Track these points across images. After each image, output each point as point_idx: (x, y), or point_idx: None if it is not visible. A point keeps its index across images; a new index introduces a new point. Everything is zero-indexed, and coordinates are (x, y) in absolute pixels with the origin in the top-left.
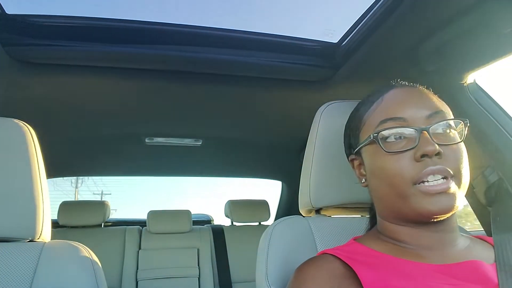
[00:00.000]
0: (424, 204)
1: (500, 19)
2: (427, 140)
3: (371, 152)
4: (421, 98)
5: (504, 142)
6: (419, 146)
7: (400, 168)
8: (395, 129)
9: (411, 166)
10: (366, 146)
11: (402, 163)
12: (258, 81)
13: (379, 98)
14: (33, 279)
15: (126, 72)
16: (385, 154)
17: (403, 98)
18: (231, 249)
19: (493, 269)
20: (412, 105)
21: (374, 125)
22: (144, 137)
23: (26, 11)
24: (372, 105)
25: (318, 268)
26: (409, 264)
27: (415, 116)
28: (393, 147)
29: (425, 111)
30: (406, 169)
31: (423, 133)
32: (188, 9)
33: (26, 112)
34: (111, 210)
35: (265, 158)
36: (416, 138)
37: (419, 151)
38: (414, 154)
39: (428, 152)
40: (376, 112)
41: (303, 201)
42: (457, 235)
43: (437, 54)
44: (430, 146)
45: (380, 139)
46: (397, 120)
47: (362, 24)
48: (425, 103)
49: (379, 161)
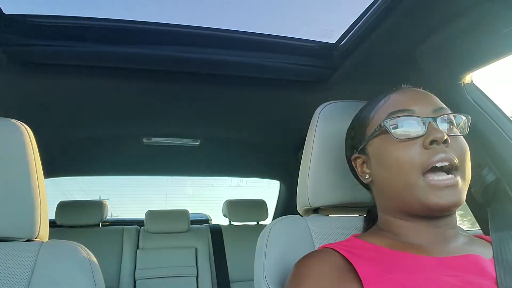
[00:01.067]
0: (432, 198)
1: (497, 20)
2: (435, 128)
3: (379, 144)
4: (426, 95)
5: (501, 142)
6: (428, 133)
7: (409, 155)
8: (405, 117)
9: (420, 153)
10: (374, 138)
11: (412, 150)
12: (256, 81)
13: (386, 96)
14: (30, 278)
15: (124, 72)
16: (395, 142)
17: (410, 95)
18: (229, 249)
19: (491, 263)
20: (419, 101)
21: (382, 118)
22: (142, 137)
23: (23, 11)
24: (379, 103)
25: (318, 261)
26: (409, 257)
27: (423, 109)
28: (402, 135)
29: (431, 106)
30: (416, 156)
31: (431, 123)
32: (186, 10)
33: (23, 112)
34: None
35: (263, 158)
36: (424, 127)
37: (428, 137)
38: (423, 141)
39: (437, 138)
40: (384, 107)
41: (301, 200)
42: (457, 231)
43: (434, 54)
44: (439, 133)
45: (390, 127)
46: (405, 111)
47: (360, 25)
48: (431, 100)
49: (389, 149)
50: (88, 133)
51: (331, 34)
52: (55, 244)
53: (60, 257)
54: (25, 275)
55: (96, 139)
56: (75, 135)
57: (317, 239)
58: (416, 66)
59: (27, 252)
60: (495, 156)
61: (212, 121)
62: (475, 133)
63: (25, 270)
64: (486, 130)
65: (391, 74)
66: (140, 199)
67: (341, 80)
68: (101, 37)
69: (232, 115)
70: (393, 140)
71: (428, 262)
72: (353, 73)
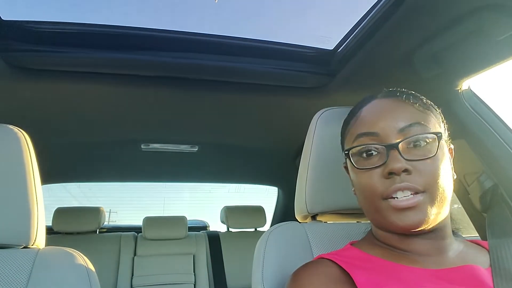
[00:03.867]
0: (393, 219)
1: (494, 27)
2: (395, 157)
3: (349, 165)
4: (398, 110)
5: (499, 147)
6: (387, 163)
7: (370, 184)
8: (366, 146)
9: (380, 182)
10: (346, 158)
11: (373, 179)
12: (255, 88)
13: (358, 111)
14: (27, 286)
15: (122, 79)
16: (357, 170)
17: (379, 111)
18: (227, 255)
19: (489, 273)
20: (387, 118)
21: (352, 139)
22: (140, 143)
23: (22, 17)
24: (352, 118)
25: (315, 272)
26: (405, 269)
27: (388, 130)
28: (365, 163)
29: (400, 123)
30: (376, 185)
31: (391, 151)
32: (185, 16)
33: (21, 118)
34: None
35: (261, 164)
36: (385, 155)
37: (386, 168)
38: (382, 171)
39: (394, 170)
40: (354, 126)
41: (299, 207)
42: (451, 241)
43: (432, 61)
44: (397, 164)
45: (352, 156)
46: (369, 135)
47: (358, 31)
48: (402, 114)
49: (354, 174)
50: (86, 139)
51: (329, 41)
52: (51, 251)
53: (56, 264)
54: (22, 283)
55: (93, 145)
56: (72, 141)
57: (315, 245)
58: (414, 72)
59: (24, 259)
60: (492, 162)
61: (210, 128)
62: (472, 139)
63: (22, 277)
64: (483, 136)
65: (389, 80)
66: (139, 205)
67: (339, 86)
68: (99, 44)
69: (230, 121)
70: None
71: (423, 274)
72: (351, 79)
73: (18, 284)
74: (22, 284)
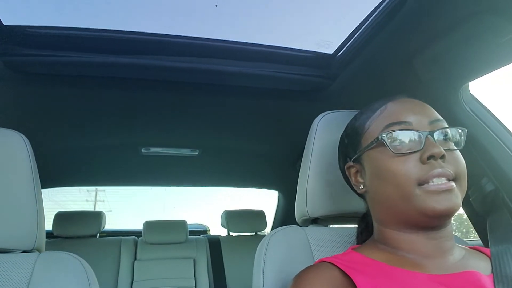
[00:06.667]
0: (430, 203)
1: (494, 30)
2: (432, 143)
3: (375, 156)
4: (423, 107)
5: (499, 151)
6: (426, 148)
7: (406, 169)
8: (402, 131)
9: (417, 167)
10: (369, 150)
11: (409, 164)
12: (255, 91)
13: (383, 105)
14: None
15: (122, 82)
16: (392, 156)
17: (406, 106)
18: (227, 260)
19: (490, 280)
20: (416, 112)
21: (378, 129)
22: (140, 147)
23: (23, 22)
24: (376, 112)
25: (316, 276)
26: (406, 273)
27: (421, 120)
28: (399, 149)
29: (427, 118)
30: (413, 171)
31: (428, 137)
32: (184, 20)
33: (21, 122)
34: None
35: (262, 168)
36: (421, 141)
37: (426, 152)
38: (420, 156)
39: (435, 154)
40: (380, 118)
41: (299, 210)
42: (453, 244)
43: (432, 64)
44: (437, 149)
45: (388, 140)
46: (402, 124)
47: (358, 35)
48: (427, 111)
49: (385, 163)
50: (86, 143)
51: (329, 45)
52: (51, 255)
53: (56, 269)
54: (22, 287)
55: (93, 149)
56: (73, 145)
57: (316, 249)
58: (414, 76)
59: (24, 264)
60: (493, 165)
61: (210, 131)
62: (473, 143)
63: (22, 281)
64: (484, 140)
65: (389, 83)
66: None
67: (339, 90)
68: (100, 48)
69: (231, 125)
70: (390, 153)
71: (425, 280)
72: (351, 83)
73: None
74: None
